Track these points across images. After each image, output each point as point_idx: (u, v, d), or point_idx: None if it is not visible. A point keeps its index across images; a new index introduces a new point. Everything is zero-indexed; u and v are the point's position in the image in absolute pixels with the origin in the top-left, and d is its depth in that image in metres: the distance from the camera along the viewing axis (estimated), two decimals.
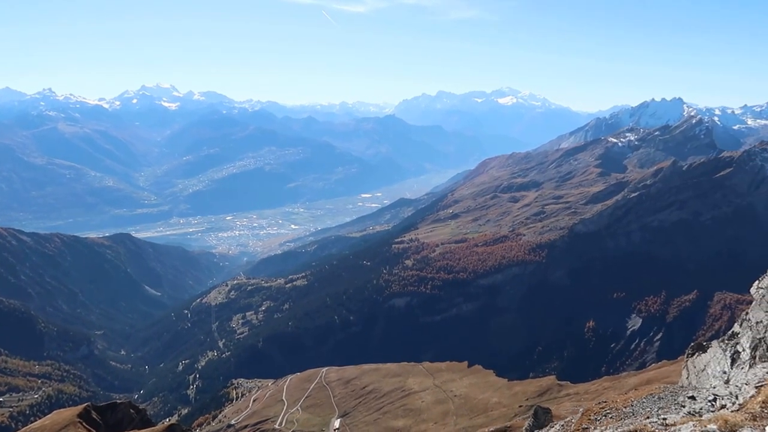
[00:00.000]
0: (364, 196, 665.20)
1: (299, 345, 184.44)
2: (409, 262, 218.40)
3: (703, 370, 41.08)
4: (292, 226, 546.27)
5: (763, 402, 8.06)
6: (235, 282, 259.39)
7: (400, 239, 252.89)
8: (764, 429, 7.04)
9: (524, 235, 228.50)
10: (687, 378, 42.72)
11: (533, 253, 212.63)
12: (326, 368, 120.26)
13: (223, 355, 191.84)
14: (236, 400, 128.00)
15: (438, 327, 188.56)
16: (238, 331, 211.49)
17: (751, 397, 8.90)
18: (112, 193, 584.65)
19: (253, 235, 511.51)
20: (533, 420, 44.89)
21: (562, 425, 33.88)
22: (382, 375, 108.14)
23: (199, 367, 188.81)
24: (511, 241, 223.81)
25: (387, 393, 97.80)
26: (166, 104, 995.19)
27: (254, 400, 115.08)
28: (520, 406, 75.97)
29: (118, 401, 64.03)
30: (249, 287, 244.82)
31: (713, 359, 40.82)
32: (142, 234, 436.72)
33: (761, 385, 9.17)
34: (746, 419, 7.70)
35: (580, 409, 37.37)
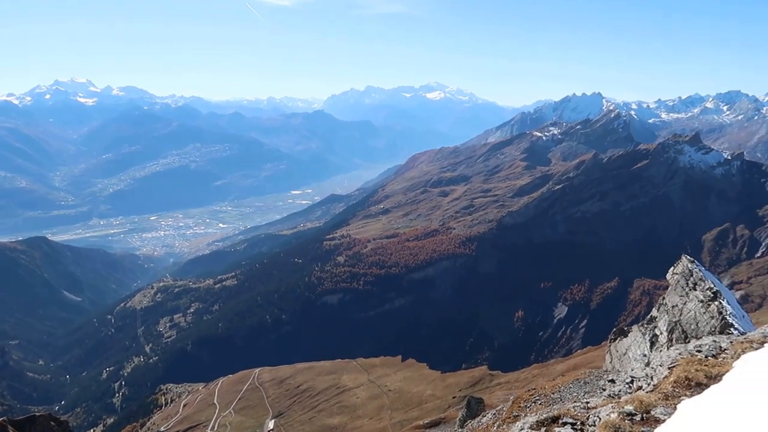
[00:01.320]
0: (294, 192, 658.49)
1: (230, 346, 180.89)
2: (341, 259, 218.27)
3: (624, 354, 43.32)
4: (220, 225, 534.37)
5: (675, 382, 8.64)
6: (162, 284, 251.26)
7: (331, 236, 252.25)
8: (675, 407, 7.54)
9: (454, 229, 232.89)
10: (610, 362, 44.95)
11: (463, 246, 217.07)
12: (259, 369, 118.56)
13: (151, 361, 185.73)
14: (165, 406, 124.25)
15: (372, 322, 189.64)
16: (165, 335, 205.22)
17: (664, 377, 9.51)
18: (25, 194, 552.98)
19: (180, 236, 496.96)
20: (466, 410, 46.00)
21: (494, 413, 34.95)
22: (316, 373, 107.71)
23: (125, 374, 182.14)
24: (442, 235, 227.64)
25: (322, 391, 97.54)
26: (82, 100, 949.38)
27: (184, 406, 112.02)
28: (454, 398, 77.57)
29: (37, 414, 60.80)
30: (176, 289, 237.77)
31: (634, 343, 43.10)
32: (59, 237, 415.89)
33: (674, 366, 9.81)
34: (659, 399, 8.23)
35: (511, 397, 38.63)
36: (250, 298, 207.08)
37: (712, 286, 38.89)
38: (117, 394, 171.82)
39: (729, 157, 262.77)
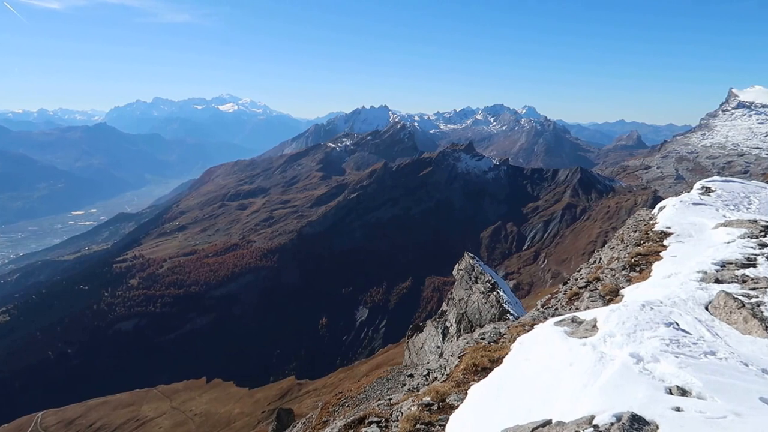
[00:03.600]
0: (75, 213, 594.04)
1: (6, 391, 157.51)
2: (134, 282, 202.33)
3: (421, 348, 46.18)
4: None
5: (465, 369, 9.43)
6: None
7: (122, 257, 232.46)
8: (467, 392, 8.21)
9: (255, 242, 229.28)
10: (409, 357, 47.61)
11: (265, 258, 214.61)
12: (42, 412, 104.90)
13: None
14: None
15: (172, 346, 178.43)
16: None
17: (455, 366, 10.33)
18: None
19: None
20: (276, 423, 45.43)
21: (304, 422, 34.98)
22: (111, 407, 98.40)
23: None
24: (243, 249, 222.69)
25: (119, 426, 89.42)
26: None
27: None
28: (263, 412, 76.20)
29: None
30: None
31: (428, 337, 46.15)
32: None
33: (463, 355, 10.70)
34: (452, 387, 8.91)
35: (320, 404, 39.02)
36: (27, 334, 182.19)
37: (490, 278, 43.22)
38: None
39: (497, 163, 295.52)
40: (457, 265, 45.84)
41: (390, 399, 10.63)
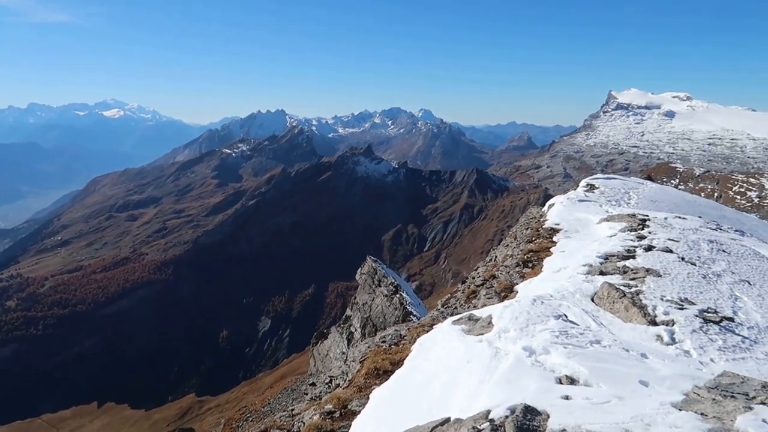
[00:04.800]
0: None
1: None
2: (11, 303, 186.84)
3: (326, 355, 45.96)
4: None
5: (366, 373, 9.46)
6: None
7: None
8: (368, 397, 8.23)
9: (147, 254, 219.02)
10: (314, 365, 47.24)
11: (159, 271, 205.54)
12: None
13: None
14: None
15: (58, 370, 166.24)
16: None
17: (357, 371, 10.34)
18: None
19: None
20: None
21: None
22: None
23: None
24: (134, 263, 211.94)
25: None
26: None
27: None
28: None
29: None
30: None
31: (333, 343, 46.02)
32: None
33: (364, 359, 10.73)
34: (354, 393, 8.91)
35: (222, 420, 37.84)
36: None
37: (393, 281, 43.84)
38: None
39: (396, 166, 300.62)
40: (359, 269, 46.16)
41: (293, 410, 10.47)
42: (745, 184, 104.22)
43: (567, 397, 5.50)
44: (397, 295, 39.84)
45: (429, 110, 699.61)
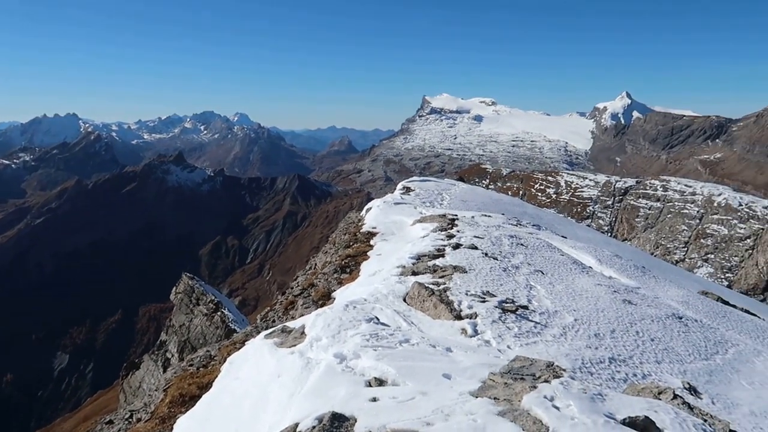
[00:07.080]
0: None
1: None
2: None
3: (139, 387, 43.17)
4: None
5: (171, 402, 9.04)
6: None
7: None
8: (173, 428, 7.90)
9: None
10: (125, 401, 44.12)
11: None
12: None
13: None
14: None
15: None
16: None
17: (160, 401, 9.86)
18: None
19: None
20: None
21: None
22: None
23: None
24: None
25: None
26: None
27: None
28: None
29: None
30: None
31: (147, 373, 43.38)
32: None
33: (168, 387, 10.26)
34: (156, 425, 8.49)
35: None
36: None
37: (213, 298, 42.50)
38: None
39: (212, 174, 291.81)
40: (174, 288, 44.24)
41: None
42: (544, 182, 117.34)
43: (375, 399, 5.74)
44: (218, 313, 38.81)
45: (245, 114, 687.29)
